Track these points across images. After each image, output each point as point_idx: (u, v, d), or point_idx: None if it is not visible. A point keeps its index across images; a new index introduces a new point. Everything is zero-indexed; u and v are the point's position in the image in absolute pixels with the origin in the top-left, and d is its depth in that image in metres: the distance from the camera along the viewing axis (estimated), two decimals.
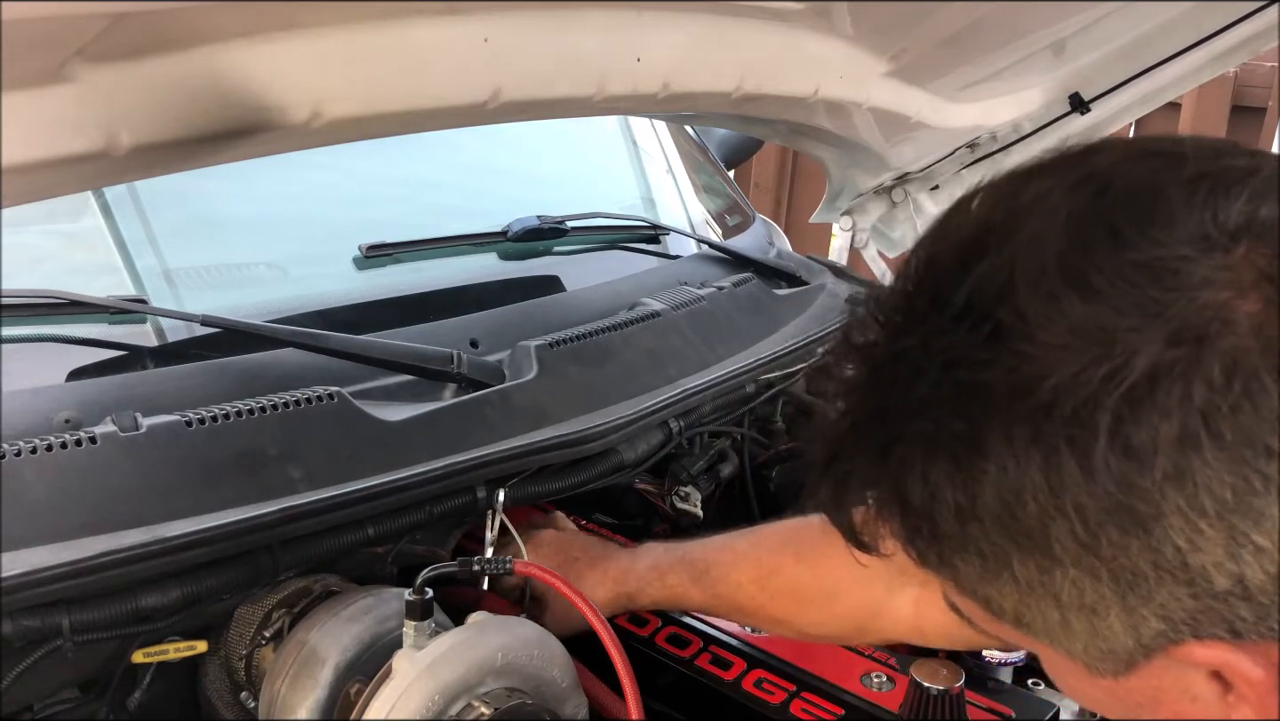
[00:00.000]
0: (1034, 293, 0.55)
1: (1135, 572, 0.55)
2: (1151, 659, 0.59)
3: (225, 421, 1.20)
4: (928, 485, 0.59)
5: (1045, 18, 1.69)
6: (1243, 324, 0.52)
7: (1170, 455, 0.52)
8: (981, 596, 0.62)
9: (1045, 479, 0.55)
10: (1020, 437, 0.55)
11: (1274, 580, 0.53)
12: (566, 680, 1.13)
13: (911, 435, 0.59)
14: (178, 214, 1.56)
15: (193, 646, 1.14)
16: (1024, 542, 0.57)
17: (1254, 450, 0.51)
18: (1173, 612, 0.56)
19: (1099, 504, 0.54)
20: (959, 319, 0.57)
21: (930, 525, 0.60)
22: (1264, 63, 4.22)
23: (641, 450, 1.49)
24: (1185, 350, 0.52)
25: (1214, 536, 0.53)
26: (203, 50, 0.93)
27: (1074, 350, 0.53)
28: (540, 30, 1.18)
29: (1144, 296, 0.53)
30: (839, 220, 2.38)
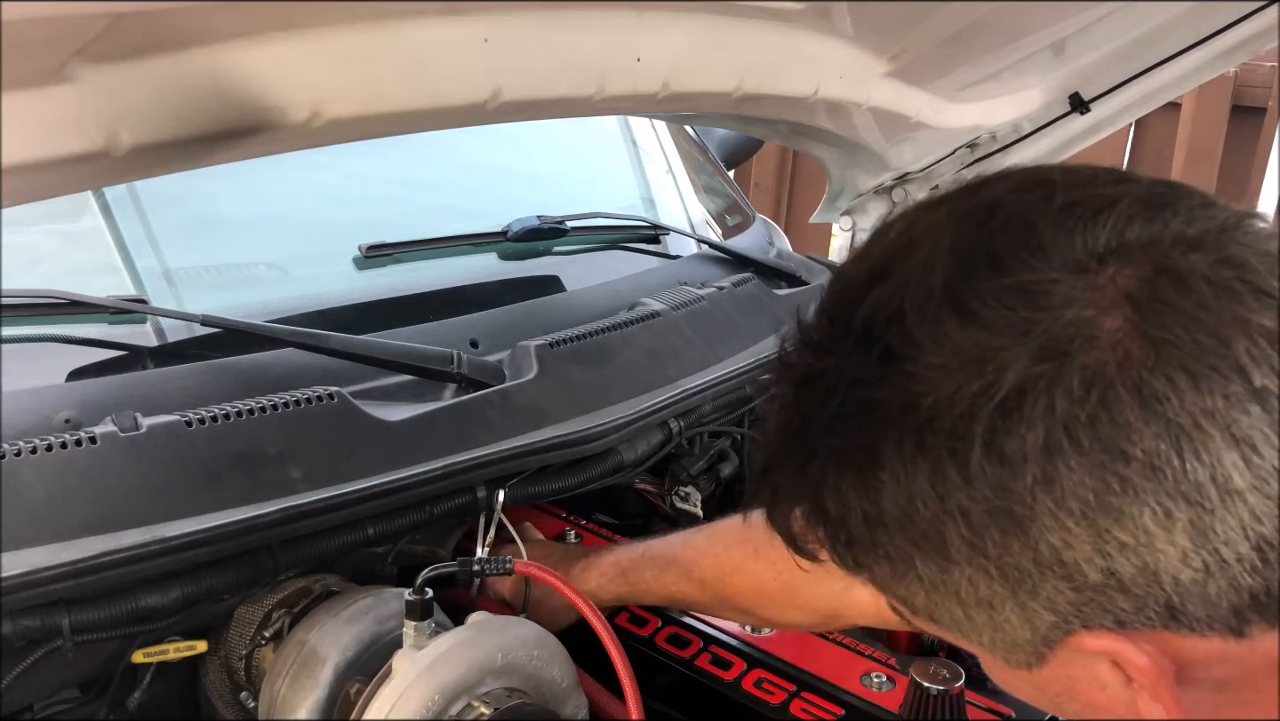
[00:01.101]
0: (920, 317, 0.60)
1: (1019, 569, 0.60)
2: (1054, 650, 0.64)
3: (225, 421, 1.20)
4: (839, 495, 0.64)
5: (1045, 18, 1.69)
6: (1103, 340, 0.56)
7: (1038, 461, 0.57)
8: (898, 595, 0.67)
9: (932, 487, 0.60)
10: (909, 449, 0.60)
11: (1141, 572, 0.58)
12: (566, 680, 1.13)
13: (824, 450, 0.65)
14: (178, 214, 1.56)
15: (193, 646, 1.14)
16: (923, 545, 0.62)
17: (1111, 455, 0.56)
18: (1058, 605, 0.61)
19: (980, 507, 0.59)
20: (859, 341, 0.63)
21: (845, 532, 0.65)
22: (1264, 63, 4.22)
23: (641, 450, 1.49)
24: (1050, 365, 0.57)
25: (1081, 534, 0.58)
26: (203, 50, 0.93)
27: (953, 369, 0.59)
28: (540, 30, 1.18)
29: (1016, 317, 0.58)
30: (839, 220, 2.38)
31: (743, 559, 1.23)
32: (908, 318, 0.61)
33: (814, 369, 0.66)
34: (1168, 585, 0.58)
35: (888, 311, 0.62)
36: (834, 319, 0.66)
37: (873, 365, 0.62)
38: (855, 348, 0.63)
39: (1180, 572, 0.58)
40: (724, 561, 1.25)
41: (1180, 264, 0.57)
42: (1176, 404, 0.55)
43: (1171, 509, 0.56)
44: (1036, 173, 0.65)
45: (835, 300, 0.67)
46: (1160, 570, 0.58)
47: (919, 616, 0.68)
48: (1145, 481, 0.56)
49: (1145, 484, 0.56)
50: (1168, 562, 0.57)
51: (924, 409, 0.59)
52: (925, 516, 0.61)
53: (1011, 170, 0.67)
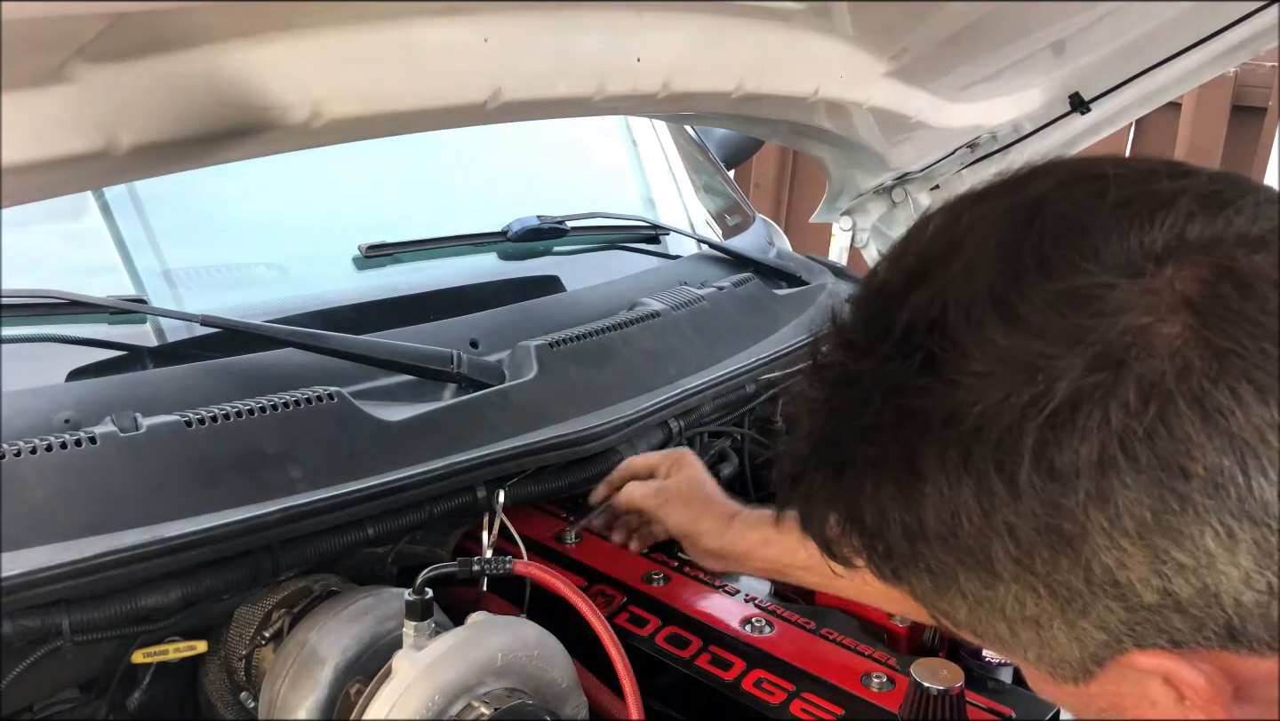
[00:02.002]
0: (965, 323, 0.57)
1: (1069, 588, 0.57)
2: (1104, 666, 0.61)
3: (225, 421, 1.20)
4: (877, 506, 0.61)
5: (1045, 18, 1.69)
6: (1161, 348, 0.53)
7: (1091, 477, 0.54)
8: (939, 609, 0.64)
9: (978, 501, 0.57)
10: (953, 461, 0.57)
11: (1200, 594, 0.55)
12: (566, 680, 1.13)
13: (861, 458, 0.62)
14: (178, 214, 1.56)
15: (193, 646, 1.14)
16: (967, 560, 0.59)
17: (1169, 472, 0.53)
18: (1110, 625, 0.58)
19: (1028, 524, 0.56)
20: (898, 346, 0.60)
21: (883, 543, 0.62)
22: (1264, 63, 4.22)
23: (641, 450, 1.49)
24: (1104, 375, 0.53)
25: (1137, 554, 0.55)
26: (203, 50, 0.93)
27: (1000, 378, 0.55)
28: (540, 30, 1.18)
29: (1067, 324, 0.55)
30: (839, 220, 2.38)
31: None
32: (951, 323, 0.58)
33: (850, 372, 0.63)
34: (1229, 606, 0.55)
35: (929, 316, 0.59)
36: (871, 321, 0.63)
37: (913, 372, 0.59)
38: (894, 353, 0.60)
39: (1242, 594, 0.55)
40: None
41: (1243, 265, 0.54)
42: (1241, 417, 0.52)
43: (1235, 529, 0.53)
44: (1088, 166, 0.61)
45: (872, 300, 0.64)
46: (1221, 592, 0.55)
47: (962, 630, 0.66)
48: (1207, 500, 0.53)
49: (1207, 502, 0.53)
50: (1229, 584, 0.54)
51: (969, 420, 0.56)
52: (970, 531, 0.58)
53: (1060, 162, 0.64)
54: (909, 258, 0.63)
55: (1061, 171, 0.62)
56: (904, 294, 0.61)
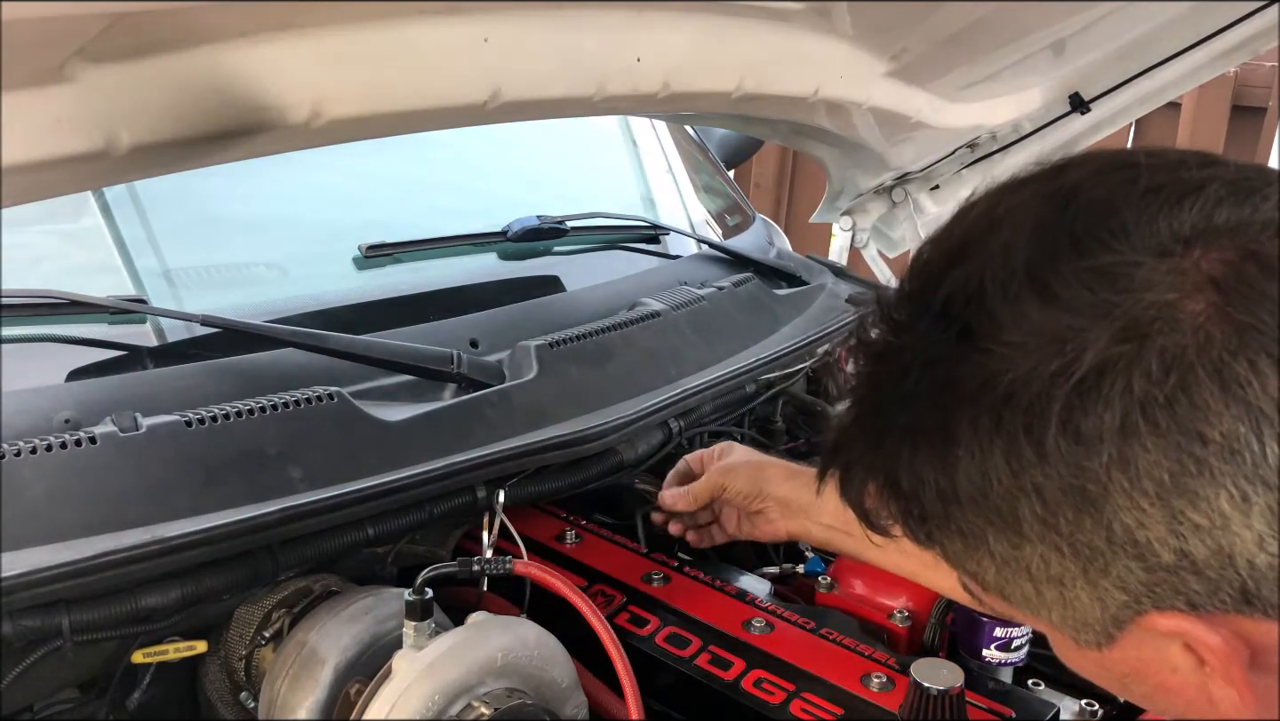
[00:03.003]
0: (1001, 297, 0.61)
1: (1091, 547, 0.60)
2: (1124, 630, 0.64)
3: (225, 421, 1.20)
4: (914, 471, 0.65)
5: (1045, 18, 1.69)
6: (1185, 322, 0.56)
7: (1114, 441, 0.57)
8: (969, 571, 0.68)
9: (1007, 463, 0.60)
10: (985, 426, 0.60)
11: (1215, 555, 0.58)
12: (566, 680, 1.13)
13: (899, 426, 0.65)
14: (178, 214, 1.56)
15: (193, 646, 1.14)
16: (996, 521, 0.63)
17: (1188, 437, 0.56)
18: (1130, 585, 0.61)
19: (1055, 485, 0.59)
20: (938, 319, 0.63)
21: (919, 507, 0.66)
22: (1264, 63, 4.21)
23: (641, 450, 1.49)
24: (1129, 346, 0.57)
25: (1155, 515, 0.58)
26: (203, 50, 0.93)
27: (1032, 348, 0.59)
28: (540, 30, 1.18)
29: (1097, 299, 0.58)
30: (839, 220, 2.38)
31: None
32: (988, 297, 0.61)
33: (891, 346, 0.67)
34: (1242, 569, 0.58)
35: (967, 290, 0.62)
36: (913, 297, 0.66)
37: (951, 343, 0.62)
38: (934, 325, 0.63)
39: (1256, 557, 0.57)
40: None
41: (1267, 248, 0.57)
42: (1258, 388, 0.55)
43: (1249, 492, 0.56)
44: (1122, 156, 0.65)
45: (915, 279, 0.67)
46: (1235, 553, 0.57)
47: (990, 592, 0.68)
48: (1223, 464, 0.56)
49: (1223, 466, 0.56)
50: (1243, 546, 0.57)
51: (1001, 387, 0.59)
52: (999, 492, 0.61)
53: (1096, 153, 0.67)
54: (951, 239, 0.66)
55: (1097, 160, 0.65)
56: (944, 271, 0.64)
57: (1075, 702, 1.25)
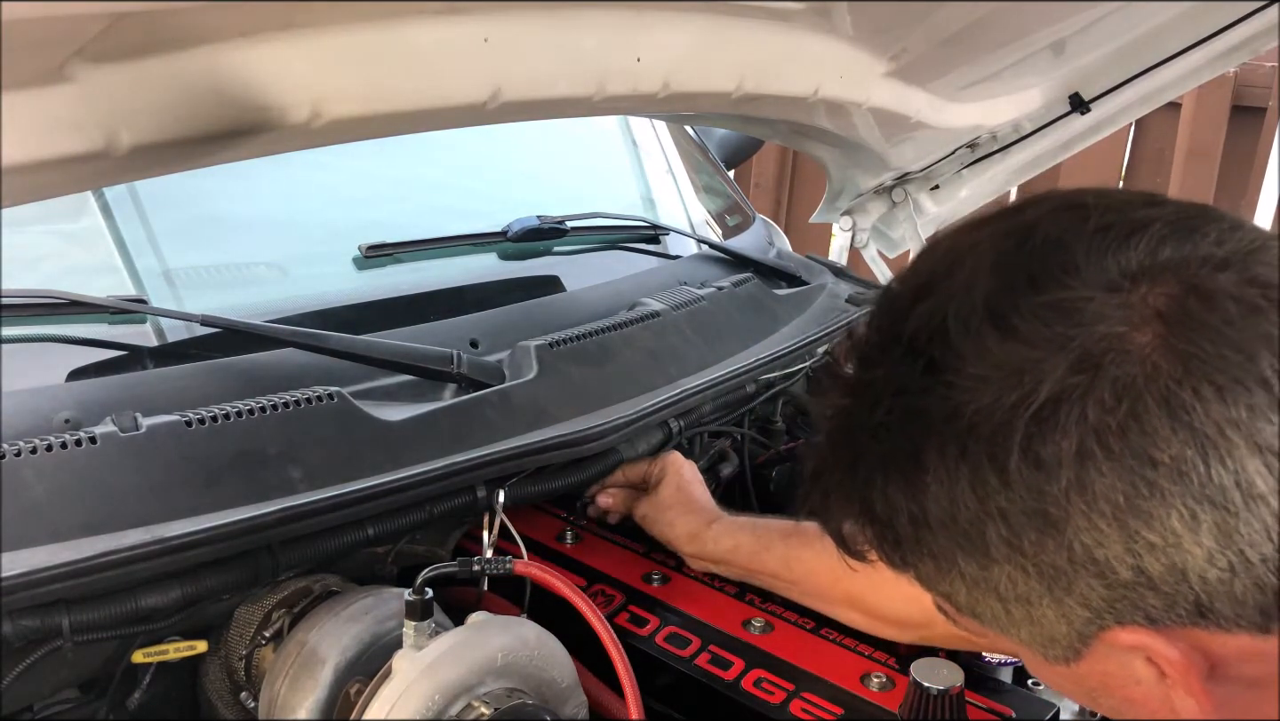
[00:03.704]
0: (963, 331, 0.64)
1: (1055, 567, 0.64)
2: (1089, 645, 0.67)
3: (225, 421, 1.20)
4: (886, 498, 0.68)
5: (1045, 18, 1.69)
6: (1134, 354, 0.60)
7: (1071, 466, 0.61)
8: (942, 592, 0.71)
9: (973, 490, 0.64)
10: (952, 455, 0.64)
11: (1170, 571, 0.61)
12: (566, 680, 1.13)
13: (872, 455, 0.69)
14: (178, 214, 1.56)
15: (193, 646, 1.14)
16: (964, 545, 0.66)
17: (1140, 461, 0.60)
18: (1092, 602, 0.64)
19: (1018, 509, 0.63)
20: (905, 354, 0.67)
21: (892, 532, 0.70)
22: (1264, 63, 4.21)
23: (641, 450, 1.49)
24: (1083, 377, 0.61)
25: (1113, 535, 0.61)
26: (203, 50, 0.93)
27: (993, 380, 0.63)
28: (540, 30, 1.18)
29: (1052, 332, 0.62)
30: (839, 220, 2.38)
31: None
32: (951, 331, 0.65)
33: (862, 379, 0.71)
34: (1195, 584, 0.61)
35: (932, 325, 0.66)
36: (881, 331, 0.70)
37: (917, 375, 0.66)
38: (902, 359, 0.67)
39: (1207, 572, 0.61)
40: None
41: (1208, 283, 0.61)
42: (1202, 413, 0.59)
43: (1197, 511, 0.60)
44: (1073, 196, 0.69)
45: (883, 315, 0.71)
46: (1188, 569, 0.61)
47: (963, 614, 0.72)
48: (1172, 485, 0.59)
49: (1172, 487, 0.59)
50: (1195, 562, 0.61)
51: (966, 417, 0.63)
52: (967, 517, 0.65)
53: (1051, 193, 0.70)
54: (917, 276, 0.70)
55: (1052, 200, 0.69)
56: (910, 307, 0.68)
57: (1075, 702, 1.25)
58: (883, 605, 1.24)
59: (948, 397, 0.64)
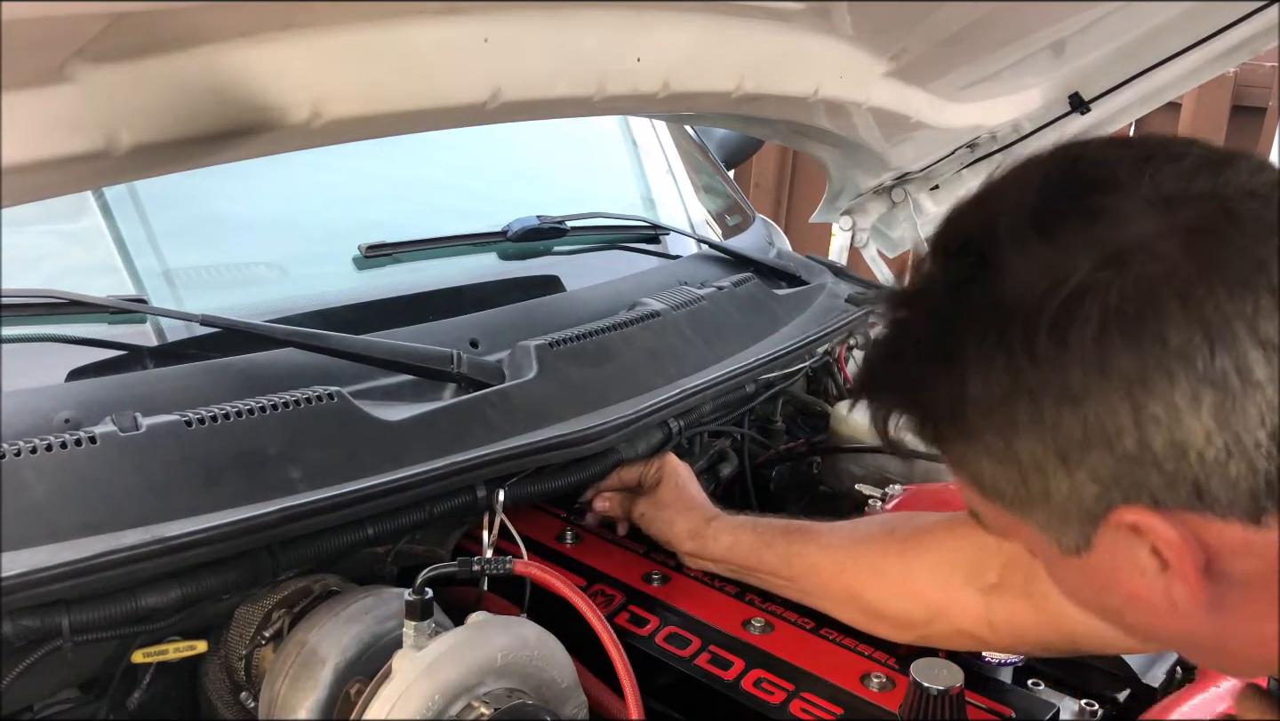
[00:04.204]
0: (1011, 235, 0.73)
1: (1071, 439, 0.71)
2: (1098, 529, 0.74)
3: (225, 421, 1.20)
4: (929, 383, 0.77)
5: (1045, 18, 1.69)
6: (1159, 255, 0.68)
7: (1092, 346, 0.68)
8: (970, 473, 0.79)
9: (1005, 369, 0.72)
10: (990, 339, 0.72)
11: (1171, 447, 0.68)
12: (566, 680, 1.13)
13: (919, 345, 0.78)
14: (178, 214, 1.56)
15: (193, 646, 1.14)
16: (994, 421, 0.74)
17: (1153, 343, 0.67)
18: (1101, 475, 0.71)
19: (1043, 384, 0.71)
20: (957, 255, 0.76)
21: (932, 415, 0.78)
22: (1264, 63, 4.21)
23: (641, 450, 1.49)
24: (1110, 272, 0.68)
25: (1123, 408, 0.69)
26: (203, 50, 0.93)
27: (1032, 275, 0.71)
28: (540, 30, 1.18)
29: (1088, 236, 0.70)
30: (839, 220, 2.38)
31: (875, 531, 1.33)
32: (1000, 235, 0.73)
33: (917, 282, 0.79)
34: (1194, 462, 0.68)
35: (983, 231, 0.75)
36: (936, 244, 0.79)
37: (967, 274, 0.74)
38: (953, 260, 0.76)
39: (1205, 451, 0.68)
40: (856, 527, 1.35)
41: (1235, 207, 0.69)
42: (1212, 307, 0.66)
43: (1199, 391, 0.67)
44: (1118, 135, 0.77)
45: (940, 234, 0.79)
46: (1188, 446, 0.68)
47: (988, 497, 0.78)
48: (1179, 366, 0.67)
49: (1179, 368, 0.67)
50: (1194, 440, 0.67)
51: (1005, 306, 0.71)
52: (998, 395, 0.72)
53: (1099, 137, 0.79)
54: (972, 199, 0.79)
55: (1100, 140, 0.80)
56: (966, 218, 0.78)
57: (1075, 702, 1.25)
58: (883, 602, 1.24)
59: (990, 290, 0.72)
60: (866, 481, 1.66)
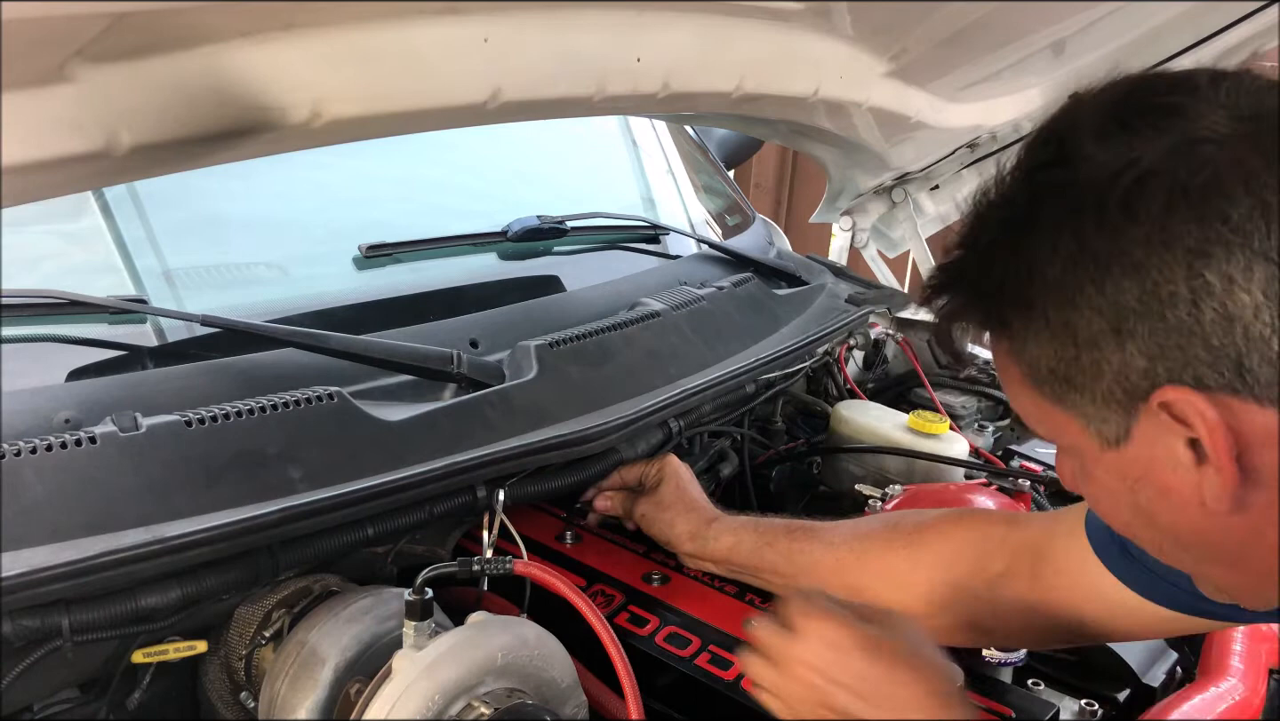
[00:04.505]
0: (1091, 125, 0.79)
1: (1126, 307, 0.76)
2: (1139, 417, 0.79)
3: (225, 421, 1.20)
4: (998, 260, 0.82)
5: (1045, 18, 1.69)
6: (1226, 143, 0.74)
7: (1159, 217, 0.74)
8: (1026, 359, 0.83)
9: (1075, 238, 0.77)
10: (1062, 214, 0.78)
11: (1220, 319, 0.73)
12: (566, 680, 1.13)
13: (995, 225, 0.83)
14: (178, 214, 1.56)
15: (193, 646, 1.14)
16: (1057, 293, 0.78)
17: (1214, 215, 0.73)
18: (1150, 348, 0.76)
19: (1107, 251, 0.76)
20: (1039, 143, 0.82)
21: (999, 295, 0.83)
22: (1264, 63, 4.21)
23: (641, 450, 1.49)
24: (1180, 156, 0.74)
25: (1179, 273, 0.74)
26: (203, 50, 0.93)
27: (1108, 158, 0.76)
28: (540, 30, 1.18)
29: (1163, 126, 0.76)
30: (839, 220, 2.39)
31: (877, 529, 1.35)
32: (1081, 127, 0.79)
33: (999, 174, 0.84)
34: (1239, 336, 0.73)
35: (1066, 124, 0.81)
36: (1023, 144, 0.84)
37: (1048, 153, 0.81)
38: (1035, 146, 0.82)
39: (1251, 325, 0.73)
40: (858, 525, 1.38)
41: None
42: (1272, 191, 0.72)
43: (1253, 264, 0.72)
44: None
45: (1027, 137, 0.84)
46: (1235, 318, 0.73)
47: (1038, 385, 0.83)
48: (1236, 240, 0.72)
49: (1235, 239, 0.72)
50: (1242, 312, 0.73)
51: (1079, 185, 0.77)
52: (1065, 265, 0.77)
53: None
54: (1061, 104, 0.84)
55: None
56: (1051, 119, 0.83)
57: (1075, 702, 1.25)
58: (887, 596, 1.24)
59: (1068, 171, 0.78)
60: (866, 481, 1.66)
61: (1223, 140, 0.74)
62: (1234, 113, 0.75)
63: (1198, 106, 0.76)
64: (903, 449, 1.72)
